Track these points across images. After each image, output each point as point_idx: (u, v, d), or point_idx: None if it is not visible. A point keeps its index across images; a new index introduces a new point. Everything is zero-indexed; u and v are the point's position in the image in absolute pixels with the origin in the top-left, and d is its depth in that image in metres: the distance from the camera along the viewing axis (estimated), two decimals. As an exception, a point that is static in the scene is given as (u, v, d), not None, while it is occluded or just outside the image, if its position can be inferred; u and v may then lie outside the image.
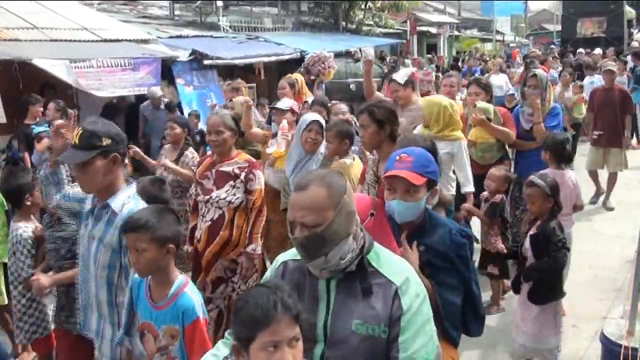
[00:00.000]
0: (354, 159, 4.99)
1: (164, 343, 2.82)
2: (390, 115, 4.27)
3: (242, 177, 4.53)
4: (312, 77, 10.92)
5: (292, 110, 6.19)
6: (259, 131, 6.37)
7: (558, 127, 6.33)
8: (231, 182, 4.53)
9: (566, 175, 5.44)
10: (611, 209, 8.88)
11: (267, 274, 2.39)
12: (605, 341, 4.01)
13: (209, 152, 5.88)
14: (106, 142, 2.96)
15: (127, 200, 3.06)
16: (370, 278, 2.14)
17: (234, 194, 4.52)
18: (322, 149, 5.25)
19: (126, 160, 3.70)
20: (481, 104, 6.20)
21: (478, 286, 3.05)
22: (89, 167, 2.95)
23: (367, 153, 5.07)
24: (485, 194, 5.67)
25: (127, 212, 2.97)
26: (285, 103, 6.38)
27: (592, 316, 5.56)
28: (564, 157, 5.53)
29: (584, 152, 10.09)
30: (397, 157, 2.97)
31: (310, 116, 5.43)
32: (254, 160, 4.77)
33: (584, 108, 11.25)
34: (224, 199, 4.50)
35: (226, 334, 2.40)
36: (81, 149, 2.95)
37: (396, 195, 2.90)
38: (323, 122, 5.36)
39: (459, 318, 2.96)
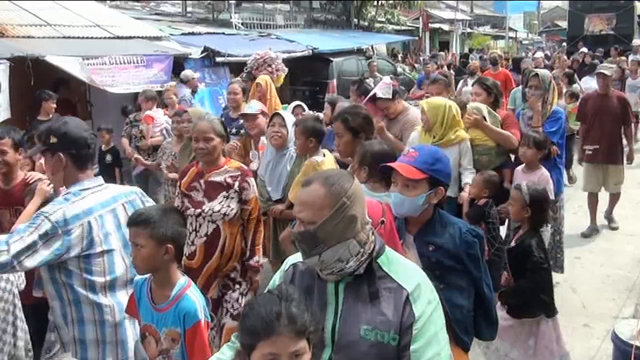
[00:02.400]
0: (324, 155, 4.74)
1: (165, 346, 2.81)
2: (365, 123, 4.18)
3: (236, 186, 4.13)
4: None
5: (262, 112, 5.86)
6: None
7: (558, 133, 5.89)
8: (224, 193, 4.12)
9: (545, 173, 5.35)
10: (615, 228, 7.86)
11: (276, 275, 2.34)
12: (617, 341, 3.98)
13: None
14: (52, 140, 3.02)
15: (66, 194, 3.03)
16: (380, 282, 2.09)
17: (229, 205, 4.12)
18: (292, 148, 5.02)
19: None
20: (473, 104, 5.67)
21: (490, 288, 3.02)
22: (45, 162, 3.13)
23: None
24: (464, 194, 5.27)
25: (46, 208, 2.95)
26: (253, 106, 5.96)
27: (604, 316, 5.53)
28: (544, 154, 5.43)
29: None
30: (406, 152, 3.01)
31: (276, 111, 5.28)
32: (245, 167, 4.39)
33: None
34: (219, 211, 4.08)
35: (232, 337, 2.38)
36: (38, 143, 3.11)
37: (396, 188, 2.93)
38: (287, 116, 5.14)
39: (469, 321, 2.94)
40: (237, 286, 4.34)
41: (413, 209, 2.92)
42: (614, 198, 8.01)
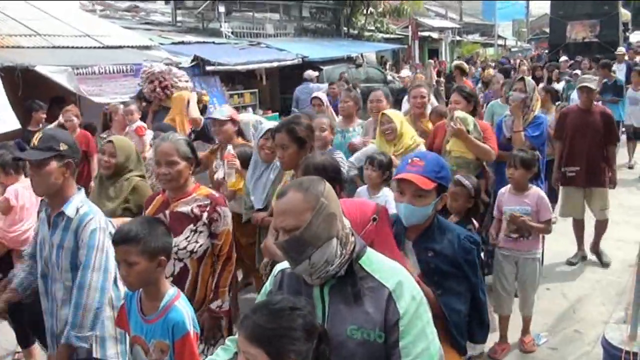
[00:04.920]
0: None
1: (155, 358, 2.80)
2: (310, 132, 4.08)
3: (205, 217, 3.54)
4: (144, 104, 8.50)
5: (232, 119, 5.57)
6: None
7: (540, 138, 5.92)
8: (191, 226, 3.51)
9: (538, 192, 5.12)
10: (607, 264, 6.99)
11: (267, 282, 2.39)
12: (607, 346, 4.00)
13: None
14: (63, 147, 3.18)
15: (80, 204, 3.26)
16: (362, 282, 2.13)
17: (197, 241, 3.52)
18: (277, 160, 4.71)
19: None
20: (460, 113, 5.52)
21: (484, 293, 3.06)
22: (44, 168, 3.15)
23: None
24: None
25: (81, 215, 3.22)
26: (224, 111, 5.69)
27: (594, 321, 5.56)
28: (535, 174, 5.12)
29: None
30: (409, 161, 2.99)
31: (268, 124, 5.07)
32: (216, 194, 3.75)
33: None
34: (184, 248, 3.48)
35: (227, 341, 2.40)
36: (39, 149, 3.15)
37: (405, 198, 2.92)
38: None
39: (465, 326, 2.97)
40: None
41: (423, 218, 2.95)
42: (601, 227, 7.14)
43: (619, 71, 14.29)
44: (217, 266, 3.66)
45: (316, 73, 13.65)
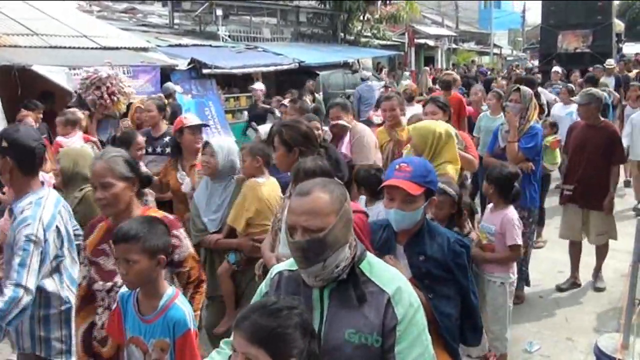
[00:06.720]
0: (267, 178, 4.44)
1: (154, 357, 2.79)
2: (300, 137, 4.02)
3: None
4: (87, 112, 7.72)
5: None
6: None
7: (534, 149, 5.82)
8: None
9: (507, 216, 4.65)
10: (601, 289, 6.59)
11: (263, 283, 2.38)
12: (600, 355, 4.02)
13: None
14: (4, 144, 3.24)
15: (28, 206, 3.22)
16: (363, 287, 2.14)
17: None
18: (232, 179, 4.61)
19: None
20: (441, 124, 5.07)
21: (476, 296, 3.08)
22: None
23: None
24: None
25: (22, 217, 3.17)
26: (193, 117, 5.49)
27: (587, 330, 5.58)
28: (509, 194, 4.70)
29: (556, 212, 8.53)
30: (397, 166, 3.01)
31: (206, 138, 4.99)
32: (170, 216, 3.28)
33: (559, 155, 8.01)
34: None
35: (221, 343, 2.40)
36: None
37: (394, 204, 2.94)
38: (217, 143, 4.60)
39: (457, 329, 2.99)
40: None
41: (413, 223, 2.98)
42: (601, 251, 6.72)
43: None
44: (187, 290, 3.24)
45: (369, 73, 15.01)
